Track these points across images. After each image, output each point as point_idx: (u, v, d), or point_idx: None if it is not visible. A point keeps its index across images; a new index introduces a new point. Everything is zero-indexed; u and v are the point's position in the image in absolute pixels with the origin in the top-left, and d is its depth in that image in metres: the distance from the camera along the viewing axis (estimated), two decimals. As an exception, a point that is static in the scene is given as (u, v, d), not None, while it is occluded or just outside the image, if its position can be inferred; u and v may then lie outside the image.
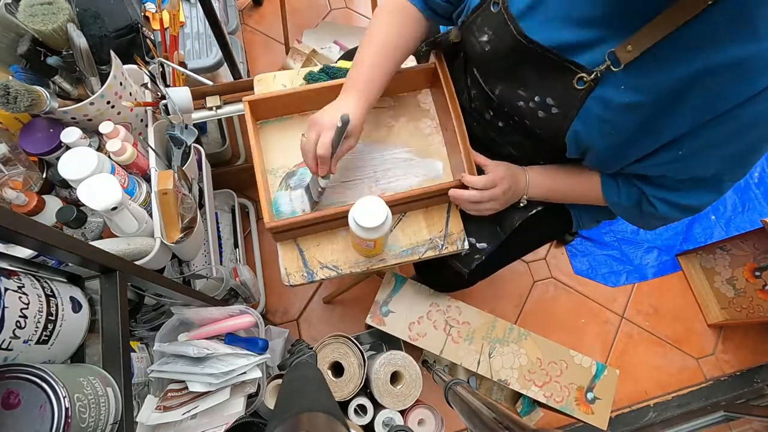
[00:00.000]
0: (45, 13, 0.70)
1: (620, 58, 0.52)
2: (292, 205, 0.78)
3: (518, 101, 0.65)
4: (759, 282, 1.32)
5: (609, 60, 0.53)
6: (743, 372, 1.45)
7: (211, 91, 0.96)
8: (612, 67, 0.53)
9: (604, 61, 0.53)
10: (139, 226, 0.74)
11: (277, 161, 0.81)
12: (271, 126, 0.83)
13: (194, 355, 0.73)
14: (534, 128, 0.67)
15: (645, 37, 0.50)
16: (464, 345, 1.01)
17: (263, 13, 1.79)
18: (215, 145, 1.30)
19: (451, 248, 0.79)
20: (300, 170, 0.80)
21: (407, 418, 1.02)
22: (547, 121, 0.63)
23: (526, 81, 0.63)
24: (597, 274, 1.52)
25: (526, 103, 0.64)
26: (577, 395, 1.01)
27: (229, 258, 1.29)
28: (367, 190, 0.80)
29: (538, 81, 0.61)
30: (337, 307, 1.42)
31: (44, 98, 0.71)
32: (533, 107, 0.63)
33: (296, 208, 0.78)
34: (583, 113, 0.58)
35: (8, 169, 0.75)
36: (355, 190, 0.80)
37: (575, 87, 0.57)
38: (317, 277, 0.76)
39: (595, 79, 0.55)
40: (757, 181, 1.66)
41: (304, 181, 0.79)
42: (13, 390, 0.43)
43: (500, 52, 0.63)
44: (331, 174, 0.71)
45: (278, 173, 0.80)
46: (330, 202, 0.79)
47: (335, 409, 0.52)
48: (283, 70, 0.89)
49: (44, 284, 0.52)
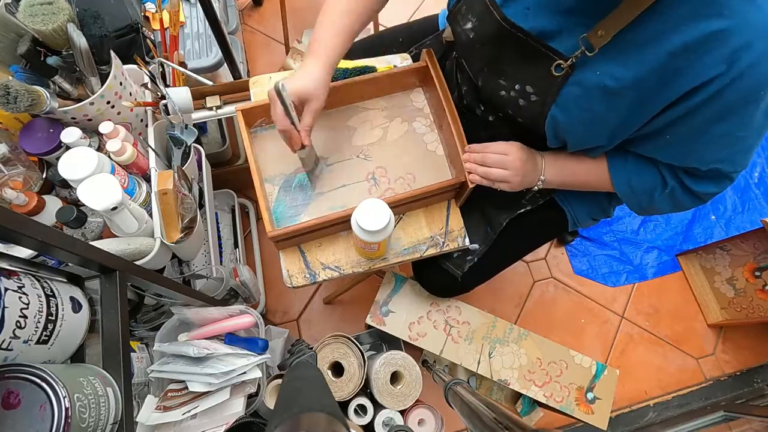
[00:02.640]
0: (45, 13, 0.70)
1: (593, 43, 0.54)
2: (295, 209, 0.78)
3: (500, 90, 0.66)
4: (759, 282, 1.32)
5: (583, 45, 0.54)
6: (743, 372, 1.45)
7: (211, 91, 0.96)
8: (587, 52, 0.54)
9: (579, 47, 0.55)
10: (139, 226, 0.74)
11: (276, 168, 0.80)
12: (267, 133, 0.82)
13: (194, 355, 0.73)
14: (516, 117, 0.68)
15: (614, 21, 0.51)
16: (464, 345, 1.01)
17: (263, 13, 1.79)
18: (215, 145, 1.30)
19: (452, 245, 0.79)
20: (298, 176, 0.80)
21: (407, 418, 1.03)
22: (527, 109, 0.64)
23: (506, 70, 0.64)
24: (597, 274, 1.52)
25: (507, 92, 0.65)
26: (577, 395, 1.01)
27: (229, 258, 1.29)
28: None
29: (517, 69, 0.63)
30: (337, 307, 1.42)
31: (44, 98, 0.71)
32: (514, 96, 0.65)
33: (299, 212, 0.78)
34: (560, 99, 0.59)
35: (8, 169, 0.75)
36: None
37: (553, 74, 0.58)
38: (319, 278, 0.76)
39: (572, 65, 0.57)
40: (757, 181, 1.66)
41: (305, 186, 0.79)
42: (13, 390, 0.43)
43: (483, 38, 0.64)
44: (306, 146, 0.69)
45: (276, 181, 0.79)
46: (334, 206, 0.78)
47: (335, 409, 0.52)
48: (279, 72, 0.89)
49: (44, 284, 0.52)
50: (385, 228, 0.64)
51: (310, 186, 0.79)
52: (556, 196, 0.83)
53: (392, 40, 0.95)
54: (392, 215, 0.65)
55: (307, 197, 0.78)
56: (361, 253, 0.76)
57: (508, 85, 0.65)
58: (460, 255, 0.83)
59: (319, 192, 0.79)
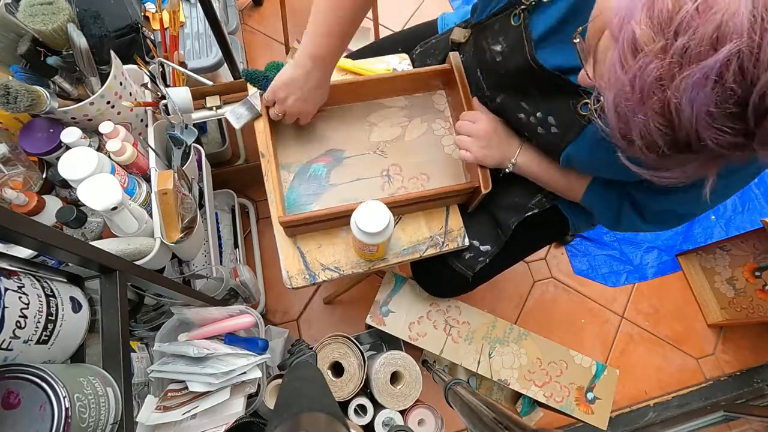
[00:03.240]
0: (45, 13, 0.70)
1: None
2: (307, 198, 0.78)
3: (519, 113, 0.65)
4: (759, 282, 1.32)
5: None
6: (743, 372, 1.45)
7: (211, 91, 0.96)
8: None
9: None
10: (139, 226, 0.74)
11: (294, 156, 0.80)
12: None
13: (194, 355, 0.73)
14: (531, 139, 0.68)
15: None
16: (464, 345, 1.01)
17: (263, 13, 1.79)
18: (215, 145, 1.30)
19: (452, 245, 0.79)
20: (314, 165, 0.80)
21: (407, 418, 1.03)
22: (545, 138, 0.63)
23: (530, 95, 0.63)
24: (597, 274, 1.52)
25: (527, 117, 0.64)
26: (577, 395, 1.01)
27: (229, 258, 1.29)
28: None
29: (542, 98, 0.62)
30: (337, 308, 1.42)
31: (44, 98, 0.71)
32: (534, 122, 0.64)
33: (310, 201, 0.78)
34: (581, 139, 0.58)
35: (8, 169, 0.75)
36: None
37: (579, 112, 0.57)
38: (319, 278, 0.76)
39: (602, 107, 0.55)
40: (757, 181, 1.66)
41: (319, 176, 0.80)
42: (13, 390, 0.43)
43: (510, 67, 0.63)
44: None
45: (292, 168, 0.80)
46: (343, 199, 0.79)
47: (335, 409, 0.52)
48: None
49: (44, 284, 0.52)
50: (384, 230, 0.64)
51: (325, 177, 0.79)
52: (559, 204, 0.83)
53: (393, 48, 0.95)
54: (392, 217, 0.65)
55: (320, 187, 0.79)
56: (361, 255, 0.76)
57: (529, 110, 0.64)
58: (472, 256, 0.83)
59: (332, 184, 0.79)
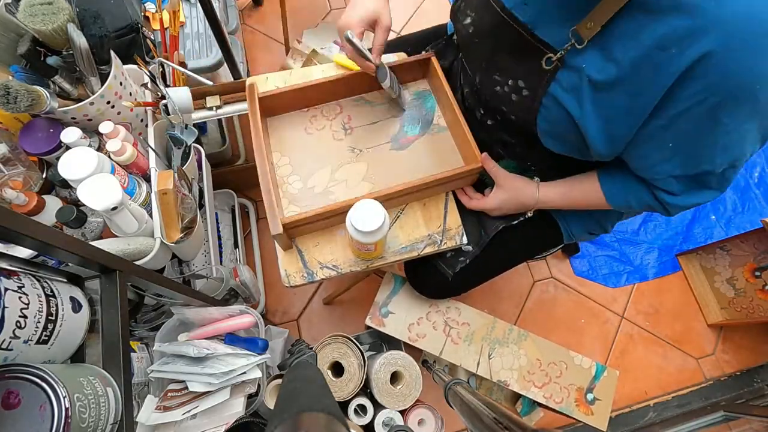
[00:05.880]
0: (45, 13, 0.70)
1: (582, 36, 0.53)
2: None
3: (495, 86, 0.67)
4: (759, 282, 1.32)
5: (573, 38, 0.54)
6: (743, 372, 1.45)
7: (211, 91, 0.96)
8: (576, 44, 0.54)
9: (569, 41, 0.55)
10: (139, 226, 0.74)
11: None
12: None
13: (194, 355, 0.73)
14: (509, 115, 0.68)
15: (602, 11, 0.51)
16: (464, 346, 1.01)
17: (263, 13, 1.79)
18: (215, 145, 1.30)
19: (450, 243, 0.79)
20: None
21: (407, 418, 1.03)
22: (519, 104, 0.64)
23: (501, 65, 0.65)
24: (597, 275, 1.52)
25: (501, 88, 0.66)
26: (577, 396, 1.01)
27: (229, 258, 1.29)
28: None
29: (511, 64, 0.63)
30: (337, 308, 1.42)
31: (44, 98, 0.71)
32: (507, 91, 0.65)
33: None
34: (550, 93, 0.59)
35: (8, 169, 0.75)
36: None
37: (543, 67, 0.58)
38: (317, 277, 0.76)
39: (561, 58, 0.56)
40: (757, 181, 1.66)
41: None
42: (13, 390, 0.43)
43: (482, 32, 0.65)
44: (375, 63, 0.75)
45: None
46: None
47: (335, 409, 0.52)
48: (275, 72, 0.89)
49: (44, 284, 0.52)
50: (380, 228, 0.64)
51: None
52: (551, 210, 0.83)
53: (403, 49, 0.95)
54: (387, 215, 0.65)
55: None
56: (359, 255, 0.76)
57: (502, 80, 0.65)
58: (453, 255, 0.83)
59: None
